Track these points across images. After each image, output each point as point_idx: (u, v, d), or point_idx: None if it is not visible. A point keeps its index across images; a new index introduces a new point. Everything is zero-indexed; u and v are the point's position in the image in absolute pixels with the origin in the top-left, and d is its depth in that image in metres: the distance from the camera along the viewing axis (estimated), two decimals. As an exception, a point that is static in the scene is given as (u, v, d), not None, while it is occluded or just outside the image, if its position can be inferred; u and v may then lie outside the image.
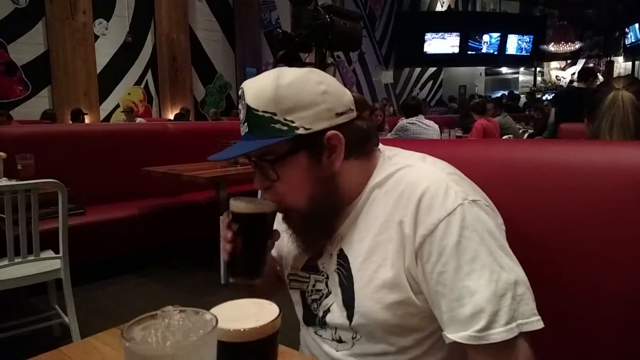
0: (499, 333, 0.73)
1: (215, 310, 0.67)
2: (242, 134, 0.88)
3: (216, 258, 3.41)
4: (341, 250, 0.92)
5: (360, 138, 0.90)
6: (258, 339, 0.65)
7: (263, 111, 0.83)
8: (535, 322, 0.75)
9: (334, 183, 0.89)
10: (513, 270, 0.77)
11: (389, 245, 0.85)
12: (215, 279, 3.42)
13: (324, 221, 0.91)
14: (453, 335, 0.77)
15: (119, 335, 0.55)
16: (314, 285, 0.97)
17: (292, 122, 0.83)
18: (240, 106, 0.88)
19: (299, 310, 1.02)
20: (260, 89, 0.84)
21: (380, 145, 0.97)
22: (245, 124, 0.86)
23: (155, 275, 3.67)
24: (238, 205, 0.87)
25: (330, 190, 0.88)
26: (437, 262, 0.79)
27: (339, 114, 0.86)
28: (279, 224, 0.95)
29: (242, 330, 0.64)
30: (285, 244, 1.04)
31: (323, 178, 0.87)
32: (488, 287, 0.74)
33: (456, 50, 17.82)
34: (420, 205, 0.81)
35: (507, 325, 0.73)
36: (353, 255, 0.90)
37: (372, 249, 0.87)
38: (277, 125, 0.83)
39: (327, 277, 0.94)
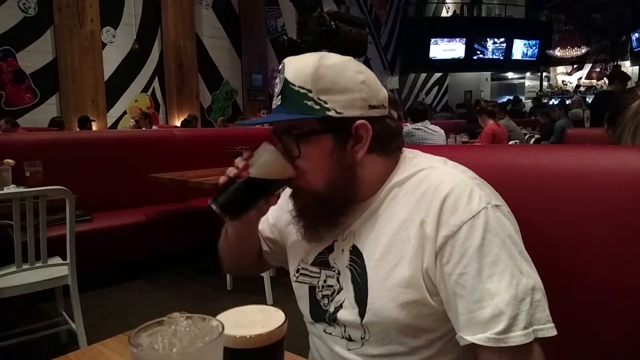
0: (518, 337, 0.73)
1: (222, 316, 0.67)
2: (274, 106, 0.89)
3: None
4: (354, 247, 0.92)
5: (387, 136, 0.90)
6: (264, 345, 0.65)
7: (299, 86, 0.85)
8: (550, 329, 0.75)
9: (353, 173, 0.89)
10: (531, 276, 0.77)
11: (408, 244, 0.84)
12: (222, 285, 3.43)
13: (333, 209, 0.91)
14: (470, 337, 0.76)
15: (126, 342, 0.56)
16: (325, 281, 0.96)
17: (325, 102, 0.84)
18: (277, 79, 0.90)
19: (304, 305, 1.01)
20: (301, 65, 0.86)
21: None
22: (280, 96, 0.88)
23: (162, 282, 3.68)
24: (268, 153, 0.87)
25: (348, 178, 0.88)
26: (458, 263, 0.78)
27: (372, 107, 0.87)
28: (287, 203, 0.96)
29: (248, 336, 0.64)
30: (291, 235, 1.04)
31: (343, 165, 0.88)
32: (508, 291, 0.75)
33: (462, 55, 17.83)
34: (444, 206, 0.81)
35: (525, 330, 0.73)
36: (368, 252, 0.90)
37: (389, 247, 0.87)
38: (310, 103, 0.84)
39: (339, 273, 0.94)
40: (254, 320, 0.68)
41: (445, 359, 0.87)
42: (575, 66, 19.67)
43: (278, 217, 1.10)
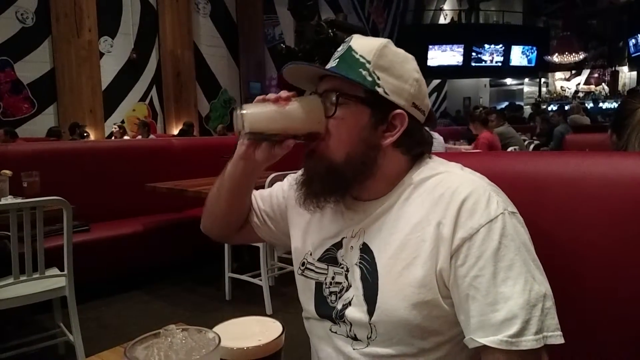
0: (529, 341, 0.73)
1: (219, 328, 0.67)
2: (328, 67, 0.92)
3: (221, 274, 3.41)
4: (365, 245, 0.92)
5: (418, 139, 0.92)
6: (261, 357, 0.65)
7: (361, 55, 0.88)
8: (559, 337, 0.75)
9: (375, 156, 0.89)
10: (543, 284, 0.78)
11: (422, 244, 0.84)
12: (221, 295, 3.41)
13: (342, 185, 0.91)
14: (482, 339, 0.76)
15: (123, 354, 0.55)
16: (332, 278, 0.96)
17: (378, 78, 0.87)
18: (340, 48, 0.93)
19: (308, 300, 1.00)
20: (369, 40, 0.91)
21: None
22: (337, 60, 0.91)
23: (160, 292, 3.66)
24: (314, 99, 0.89)
25: (368, 158, 0.89)
26: (473, 265, 0.79)
27: (414, 106, 0.90)
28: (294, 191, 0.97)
29: (245, 348, 0.64)
30: (297, 225, 1.05)
31: (369, 144, 0.89)
32: (522, 295, 0.75)
33: (460, 62, 17.89)
34: (462, 208, 0.82)
35: (536, 335, 0.74)
36: (379, 250, 0.89)
37: (402, 247, 0.86)
38: (364, 73, 0.87)
39: (347, 270, 0.93)
40: (252, 332, 0.68)
41: None
42: (573, 72, 19.75)
43: (286, 198, 1.10)
